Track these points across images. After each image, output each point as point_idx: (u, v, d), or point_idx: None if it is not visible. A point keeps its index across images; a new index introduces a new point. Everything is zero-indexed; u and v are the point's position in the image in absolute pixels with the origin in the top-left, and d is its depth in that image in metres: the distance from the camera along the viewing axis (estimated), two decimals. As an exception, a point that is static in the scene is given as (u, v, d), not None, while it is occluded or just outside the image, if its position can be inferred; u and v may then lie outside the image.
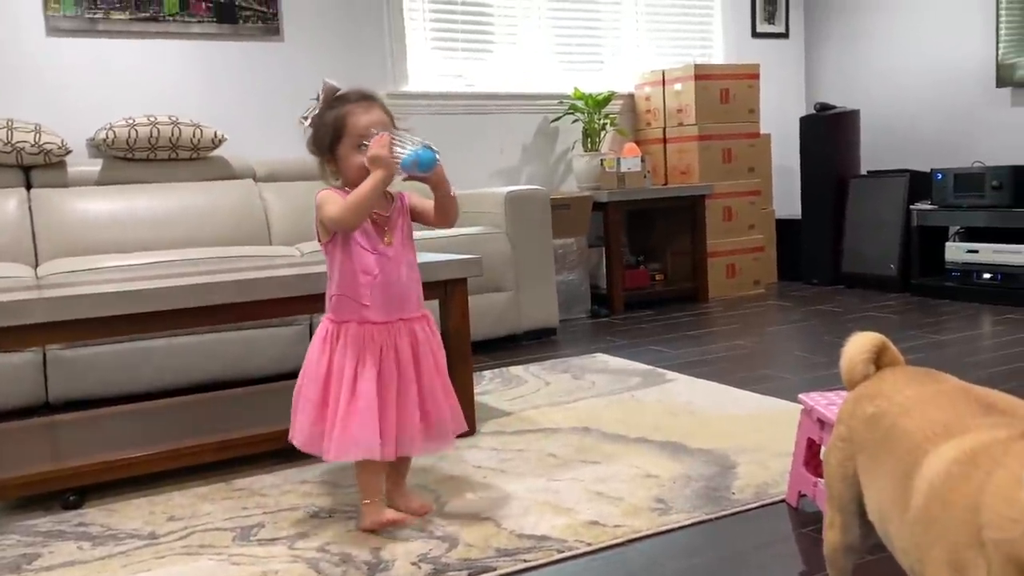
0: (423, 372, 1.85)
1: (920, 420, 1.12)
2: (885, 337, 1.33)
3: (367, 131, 1.77)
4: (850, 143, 5.16)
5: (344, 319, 1.81)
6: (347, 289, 1.81)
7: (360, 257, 1.80)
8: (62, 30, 3.79)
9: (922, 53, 5.19)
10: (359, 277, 1.80)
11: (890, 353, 1.32)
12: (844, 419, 1.29)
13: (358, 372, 1.78)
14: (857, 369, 1.30)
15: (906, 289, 4.71)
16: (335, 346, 1.80)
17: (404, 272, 1.84)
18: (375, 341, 1.79)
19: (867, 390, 1.26)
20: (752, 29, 5.66)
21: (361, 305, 1.80)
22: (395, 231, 1.84)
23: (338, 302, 1.82)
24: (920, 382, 1.21)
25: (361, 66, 4.42)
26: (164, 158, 3.73)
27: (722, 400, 2.75)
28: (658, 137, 5.08)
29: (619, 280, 4.61)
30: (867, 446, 1.22)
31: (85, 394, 2.97)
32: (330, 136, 1.81)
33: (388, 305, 1.81)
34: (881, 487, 1.16)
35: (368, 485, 1.86)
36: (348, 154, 1.79)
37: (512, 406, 2.80)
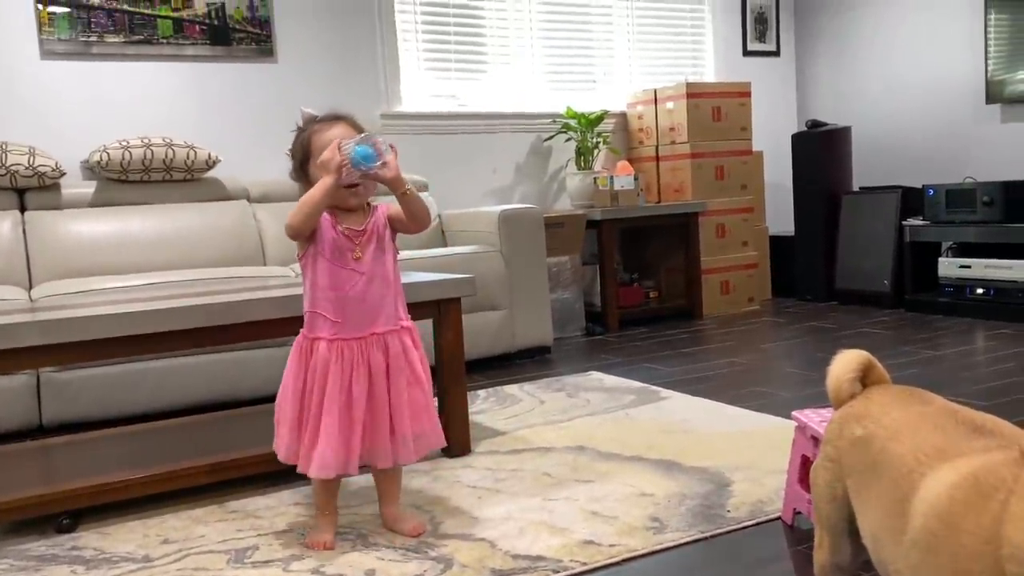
0: (393, 386, 1.85)
1: (910, 444, 1.12)
2: (870, 355, 1.34)
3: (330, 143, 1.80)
4: (842, 160, 5.19)
5: (316, 335, 1.83)
6: (318, 305, 1.83)
7: (329, 272, 1.82)
8: (57, 53, 3.81)
9: (912, 70, 5.24)
10: (327, 292, 1.82)
11: (876, 371, 1.32)
12: (831, 440, 1.29)
13: (328, 389, 1.80)
14: (844, 388, 1.31)
15: (900, 305, 4.73)
16: (308, 361, 1.82)
17: (376, 287, 1.84)
18: (344, 357, 1.81)
19: (854, 411, 1.26)
20: (743, 48, 5.71)
21: (331, 321, 1.81)
22: (367, 246, 1.85)
23: (311, 318, 1.85)
24: (905, 403, 1.22)
25: (354, 87, 4.45)
26: (158, 180, 3.74)
27: (717, 417, 2.75)
28: (651, 155, 5.11)
29: (613, 298, 4.62)
30: (857, 469, 1.21)
31: (79, 417, 2.96)
32: (299, 158, 1.86)
33: (358, 320, 1.83)
34: (874, 512, 1.16)
35: (318, 498, 1.90)
36: (315, 171, 1.82)
37: (507, 425, 2.80)
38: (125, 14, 3.92)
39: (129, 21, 3.93)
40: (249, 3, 4.17)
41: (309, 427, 1.81)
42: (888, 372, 1.36)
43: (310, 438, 1.81)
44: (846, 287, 5.03)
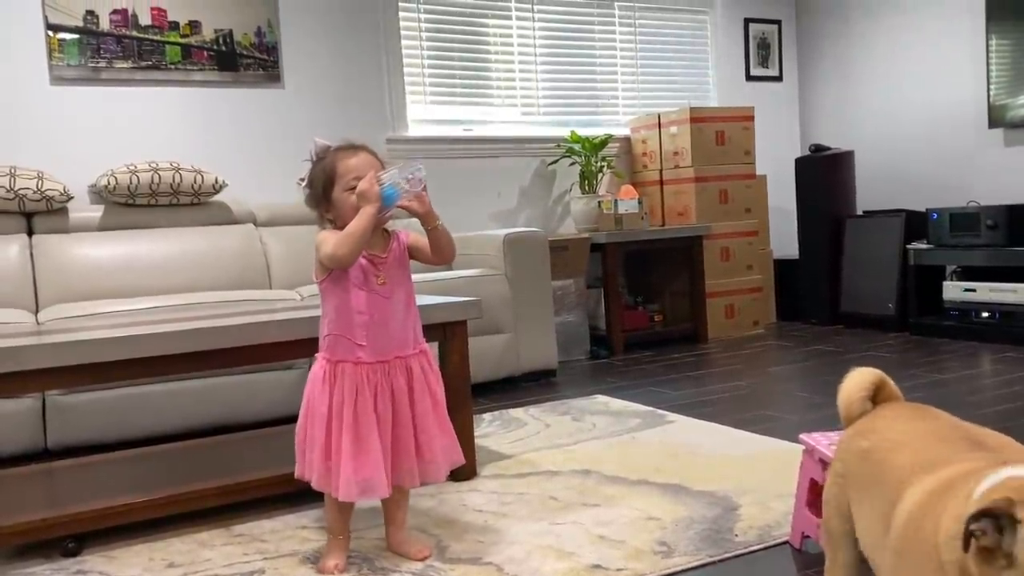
0: (417, 409, 1.87)
1: (910, 456, 1.13)
2: (883, 373, 1.34)
3: (356, 171, 1.81)
4: (845, 184, 5.20)
5: (339, 358, 1.83)
6: (342, 328, 1.82)
7: (354, 296, 1.82)
8: (66, 79, 3.84)
9: (915, 94, 5.26)
10: (353, 317, 1.82)
11: (888, 389, 1.33)
12: (840, 455, 1.30)
13: (358, 413, 1.79)
14: (854, 406, 1.31)
15: (905, 328, 4.72)
16: (333, 386, 1.81)
17: (398, 312, 1.86)
18: (370, 381, 1.81)
19: (862, 426, 1.27)
20: (746, 73, 5.74)
21: (355, 344, 1.81)
22: (390, 271, 1.86)
23: (333, 341, 1.84)
24: (914, 418, 1.22)
25: (360, 112, 4.48)
26: (165, 204, 3.76)
27: (723, 441, 2.74)
28: (655, 179, 5.12)
29: (618, 321, 4.62)
30: (858, 480, 1.23)
31: (84, 440, 2.96)
32: (323, 182, 1.85)
33: (382, 344, 1.83)
34: (869, 520, 1.18)
35: (334, 522, 1.89)
36: (341, 196, 1.83)
37: (512, 449, 2.79)
38: (134, 40, 3.95)
39: (138, 47, 3.96)
40: (256, 29, 4.21)
41: (343, 451, 1.78)
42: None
43: (345, 461, 1.78)
44: (851, 310, 5.02)
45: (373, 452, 1.78)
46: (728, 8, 5.65)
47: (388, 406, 1.82)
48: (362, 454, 1.78)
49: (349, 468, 1.77)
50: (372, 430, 1.79)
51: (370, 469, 1.78)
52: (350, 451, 1.77)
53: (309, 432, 1.84)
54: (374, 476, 1.78)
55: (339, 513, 1.89)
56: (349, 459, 1.77)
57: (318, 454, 1.81)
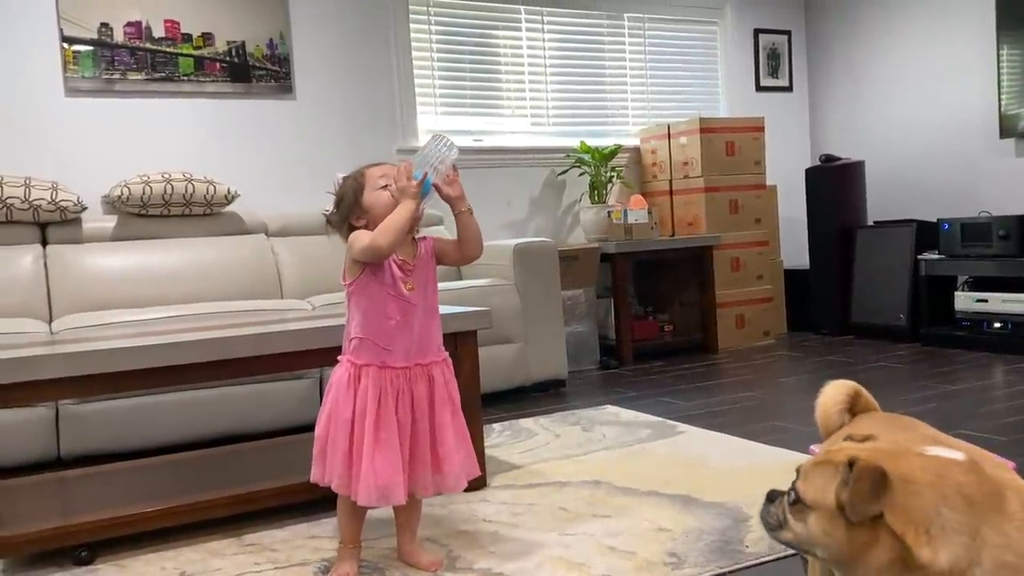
0: (437, 416, 1.87)
1: None
2: (858, 384, 1.35)
3: (384, 173, 1.86)
4: (856, 194, 5.20)
5: (365, 362, 1.83)
6: (369, 332, 1.83)
7: (384, 301, 1.83)
8: (80, 90, 3.88)
9: (925, 104, 5.25)
10: (382, 321, 1.82)
11: (864, 400, 1.34)
12: None
13: (380, 417, 1.80)
14: (832, 419, 1.33)
15: (916, 339, 4.70)
16: (357, 389, 1.82)
17: (424, 318, 1.88)
18: (393, 386, 1.82)
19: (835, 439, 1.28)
20: (756, 83, 5.75)
21: (382, 348, 1.82)
22: (418, 277, 1.87)
23: (360, 344, 1.84)
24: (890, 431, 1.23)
25: (371, 123, 4.50)
26: (178, 214, 3.78)
27: (733, 452, 2.74)
28: (664, 189, 5.13)
29: (628, 331, 4.62)
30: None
31: (97, 449, 2.97)
32: (353, 190, 1.87)
33: (408, 350, 1.84)
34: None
35: (348, 530, 1.89)
36: (372, 195, 1.85)
37: (522, 459, 2.80)
38: (147, 52, 3.99)
39: (151, 59, 4.00)
40: (269, 41, 4.24)
41: (364, 455, 1.78)
42: (906, 407, 1.37)
43: (366, 466, 1.78)
44: (862, 321, 5.01)
45: (393, 457, 1.79)
46: (738, 18, 5.66)
47: (408, 413, 1.83)
48: (382, 459, 1.78)
49: (369, 473, 1.77)
50: (393, 435, 1.80)
51: (389, 474, 1.78)
52: (371, 456, 1.78)
53: (332, 435, 1.83)
54: (393, 482, 1.78)
55: (352, 522, 1.89)
56: (369, 463, 1.77)
57: (340, 458, 1.81)
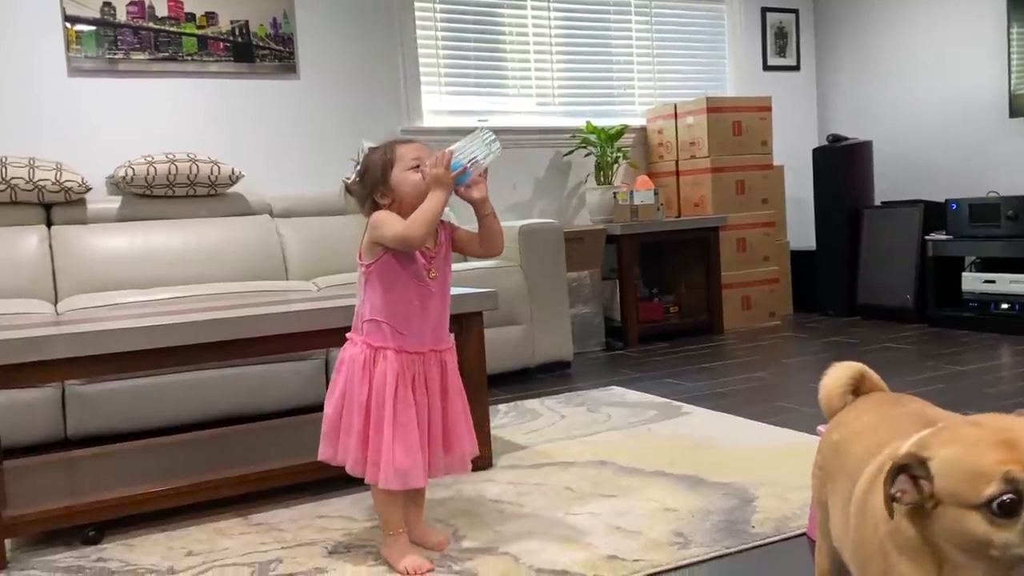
0: (450, 401, 1.89)
1: (866, 444, 1.15)
2: (864, 366, 1.35)
3: (416, 153, 1.84)
4: (863, 174, 5.17)
5: (381, 344, 1.82)
6: (387, 315, 1.82)
7: (406, 286, 1.82)
8: (84, 70, 3.87)
9: (934, 84, 5.22)
10: (400, 306, 1.82)
11: (870, 380, 1.34)
12: (820, 448, 1.34)
13: (398, 400, 1.80)
14: (834, 400, 1.34)
15: (923, 320, 4.69)
16: (372, 372, 1.81)
17: (440, 304, 1.88)
18: (410, 370, 1.82)
19: (838, 419, 1.30)
20: (763, 62, 5.71)
21: (399, 332, 1.82)
22: (439, 265, 1.87)
23: (375, 327, 1.82)
24: (881, 407, 1.24)
25: (376, 103, 4.48)
26: (182, 195, 3.78)
27: (739, 433, 2.74)
28: (671, 170, 5.11)
29: (633, 313, 4.61)
30: (831, 473, 1.26)
31: (104, 429, 2.99)
32: (381, 167, 1.84)
33: (424, 336, 1.85)
34: (835, 510, 1.20)
35: (391, 517, 1.86)
36: (401, 176, 1.83)
37: (528, 440, 2.80)
38: (150, 32, 3.97)
39: (154, 39, 3.98)
40: (272, 20, 4.22)
41: (384, 439, 1.78)
42: (913, 388, 1.37)
43: (386, 449, 1.78)
44: (868, 302, 5.00)
45: (413, 442, 1.79)
46: (745, -3, 5.61)
47: (424, 398, 1.84)
48: (402, 443, 1.78)
49: (390, 456, 1.77)
50: (412, 419, 1.80)
51: (411, 457, 1.79)
52: (391, 440, 1.77)
53: (345, 416, 1.83)
54: (413, 465, 1.79)
55: (392, 508, 1.85)
56: (390, 447, 1.77)
57: (355, 440, 1.81)
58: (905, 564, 0.96)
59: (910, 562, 0.96)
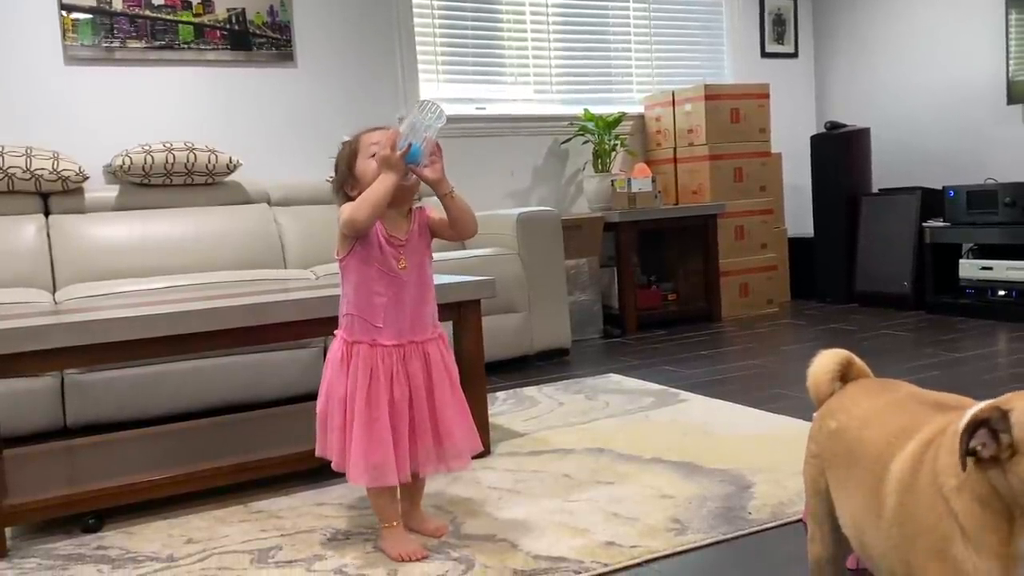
0: (436, 394, 1.85)
1: (880, 429, 1.17)
2: (850, 353, 1.37)
3: (376, 141, 1.80)
4: (861, 161, 5.16)
5: (356, 339, 1.81)
6: (360, 309, 1.81)
7: (374, 278, 1.80)
8: (80, 59, 3.85)
9: (932, 71, 5.20)
10: (372, 298, 1.80)
11: (857, 367, 1.36)
12: (813, 436, 1.34)
13: (371, 396, 1.78)
14: (823, 387, 1.35)
15: (920, 307, 4.70)
16: (349, 366, 1.80)
17: (417, 294, 1.84)
18: (385, 364, 1.79)
19: (831, 406, 1.32)
20: (762, 49, 5.69)
21: (373, 326, 1.80)
22: (411, 254, 1.83)
23: (351, 322, 1.82)
24: (876, 393, 1.26)
25: (373, 91, 4.47)
26: (180, 183, 3.78)
27: (736, 420, 2.75)
28: (668, 157, 5.10)
29: (631, 300, 4.62)
30: (834, 460, 1.26)
31: (103, 418, 2.99)
32: (347, 159, 1.84)
33: (400, 328, 1.81)
34: (852, 498, 1.20)
35: (383, 510, 1.86)
36: (363, 165, 1.82)
37: (526, 427, 2.81)
38: (147, 20, 3.96)
39: (151, 27, 3.97)
40: (269, 8, 4.20)
41: (356, 433, 1.76)
42: (909, 375, 1.38)
43: (356, 445, 1.76)
44: (866, 289, 5.00)
45: (384, 437, 1.76)
46: (743, -16, 5.59)
47: (405, 391, 1.80)
48: (372, 439, 1.76)
49: (359, 452, 1.76)
50: (384, 414, 1.77)
51: (380, 454, 1.76)
52: (360, 435, 1.76)
53: (328, 412, 1.83)
54: (384, 462, 1.76)
55: (386, 501, 1.85)
56: (359, 443, 1.76)
57: (336, 435, 1.80)
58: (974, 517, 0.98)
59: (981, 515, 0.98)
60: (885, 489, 1.10)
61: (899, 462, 1.09)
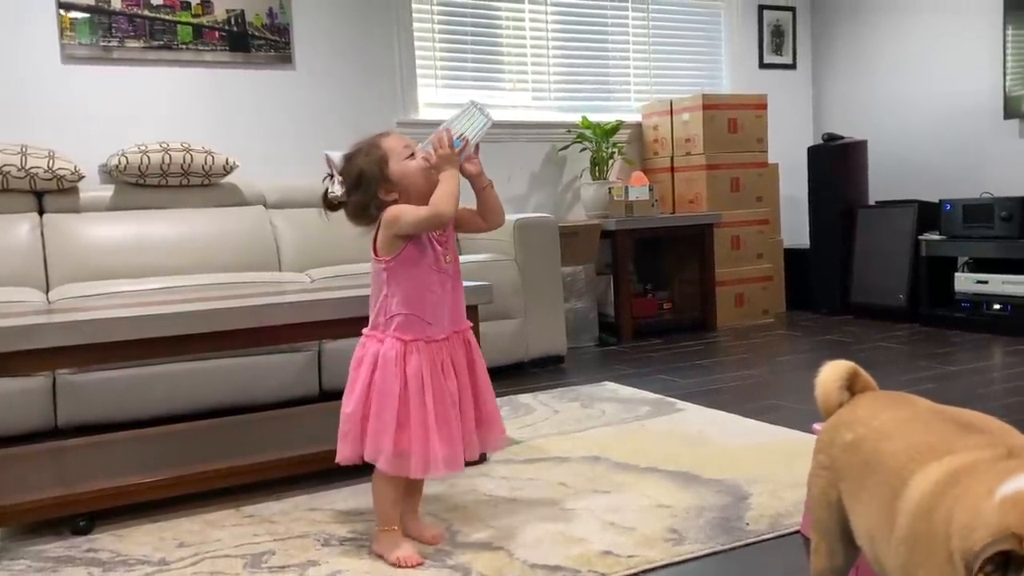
0: (478, 377, 1.93)
1: (903, 443, 1.15)
2: (856, 364, 1.36)
3: (402, 143, 1.87)
4: (858, 173, 5.17)
5: (413, 337, 1.83)
6: (415, 308, 1.83)
7: (428, 277, 1.84)
8: (77, 58, 3.84)
9: (930, 84, 5.22)
10: (425, 295, 1.84)
11: (862, 379, 1.35)
12: (823, 447, 1.32)
13: (436, 389, 1.82)
14: (832, 397, 1.34)
15: (915, 319, 4.70)
16: (406, 365, 1.81)
17: (456, 287, 1.91)
18: (438, 357, 1.85)
19: (843, 417, 1.30)
20: (760, 60, 5.70)
21: (427, 323, 1.84)
22: (450, 249, 1.90)
23: (405, 321, 1.83)
24: (894, 406, 1.25)
25: (371, 95, 4.46)
26: (176, 184, 3.76)
27: (733, 429, 2.74)
28: (666, 166, 5.10)
29: (628, 308, 4.61)
30: (849, 472, 1.24)
31: (94, 419, 2.97)
32: (377, 165, 1.84)
33: (445, 321, 1.87)
34: (868, 511, 1.18)
35: (387, 512, 1.85)
36: (401, 167, 1.85)
37: (522, 435, 2.80)
38: (145, 20, 3.94)
39: (149, 27, 3.95)
40: (268, 10, 4.19)
41: (429, 428, 1.80)
42: (904, 387, 1.38)
43: (432, 438, 1.80)
44: (861, 301, 5.01)
45: (455, 427, 1.83)
46: (742, -6, 5.61)
47: (454, 381, 1.87)
48: (445, 430, 1.81)
49: (436, 444, 1.79)
50: (448, 408, 1.83)
51: (452, 447, 1.82)
52: (435, 428, 1.80)
53: (376, 412, 1.80)
54: (454, 452, 1.82)
55: (394, 504, 1.85)
56: (435, 435, 1.79)
57: (387, 435, 1.79)
58: None
59: None
60: (900, 505, 1.08)
61: (920, 481, 1.07)
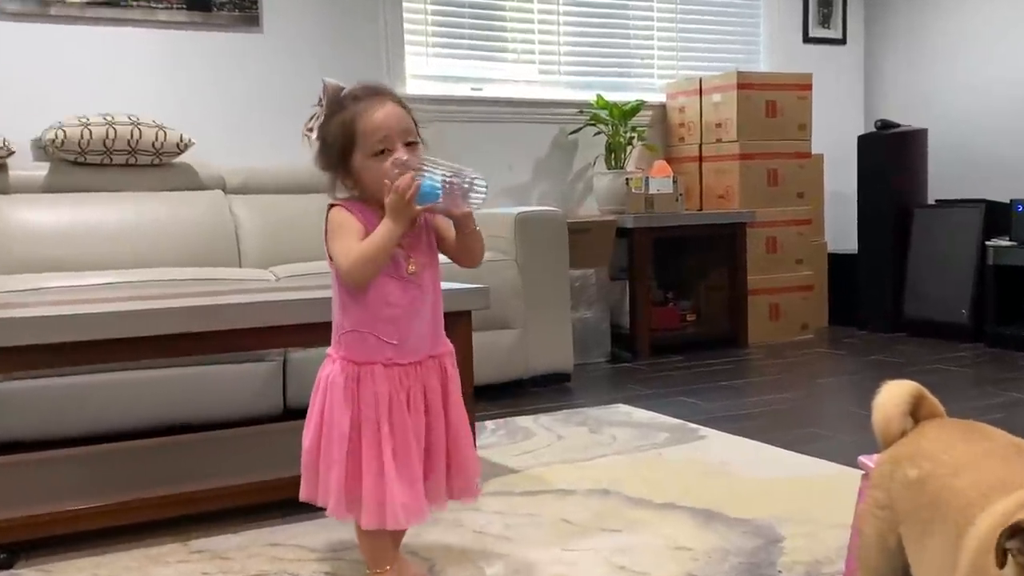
0: (452, 414, 1.84)
1: (973, 479, 1.15)
2: (921, 386, 1.35)
3: (384, 131, 1.73)
4: (916, 167, 5.19)
5: (366, 359, 1.75)
6: (366, 324, 1.75)
7: (383, 286, 1.75)
8: (8, 13, 3.84)
9: (1000, 66, 5.23)
10: (381, 310, 1.75)
11: (928, 403, 1.34)
12: (882, 483, 1.31)
13: (393, 425, 1.74)
14: (893, 424, 1.33)
15: (979, 338, 4.71)
16: (358, 393, 1.74)
17: (431, 302, 1.81)
18: (403, 385, 1.76)
19: (907, 449, 1.29)
20: (804, 34, 5.72)
21: (385, 343, 1.75)
22: (420, 254, 1.80)
23: (356, 339, 1.76)
24: (968, 438, 1.24)
25: (352, 65, 4.47)
26: (121, 163, 3.76)
27: (764, 461, 2.74)
28: (693, 155, 5.12)
29: (645, 319, 4.62)
30: (913, 514, 1.24)
31: (21, 435, 2.96)
32: (339, 146, 1.76)
33: (416, 341, 1.78)
34: (932, 556, 1.19)
35: (377, 553, 1.84)
36: (364, 164, 1.74)
37: (519, 463, 2.80)
38: (90, -29, 3.95)
39: (94, -21, 3.96)
40: (233, -37, 4.21)
41: (386, 472, 1.72)
42: (967, 417, 1.37)
43: (390, 483, 1.72)
44: (916, 316, 5.02)
45: (414, 472, 1.75)
46: (785, -43, 5.63)
47: (421, 415, 1.78)
48: (403, 476, 1.73)
49: (395, 490, 1.71)
50: (411, 445, 1.75)
51: (414, 492, 1.74)
52: (394, 471, 1.72)
53: (325, 449, 1.76)
54: (414, 501, 1.74)
55: (377, 543, 1.82)
56: (394, 480, 1.72)
57: (336, 475, 1.73)
58: None
59: None
60: (965, 543, 1.09)
61: (987, 518, 1.07)
